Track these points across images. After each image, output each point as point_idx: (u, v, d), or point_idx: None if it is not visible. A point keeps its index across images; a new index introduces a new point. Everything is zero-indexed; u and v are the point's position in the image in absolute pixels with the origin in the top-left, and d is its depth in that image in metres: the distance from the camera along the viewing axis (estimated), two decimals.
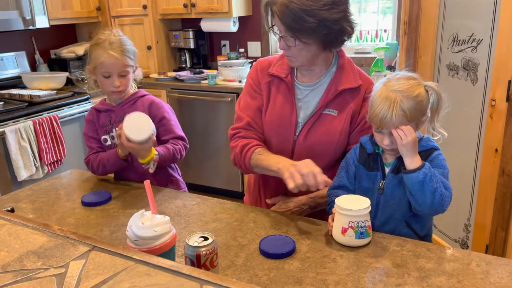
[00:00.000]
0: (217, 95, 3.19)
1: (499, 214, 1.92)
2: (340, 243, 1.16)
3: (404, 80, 1.19)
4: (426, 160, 1.19)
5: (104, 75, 1.55)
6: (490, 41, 1.91)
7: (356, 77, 1.42)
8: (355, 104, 1.41)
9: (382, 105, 1.16)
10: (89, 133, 1.67)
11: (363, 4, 3.40)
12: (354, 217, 1.12)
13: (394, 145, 1.19)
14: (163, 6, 3.58)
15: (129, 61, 1.56)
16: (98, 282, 0.71)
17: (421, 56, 2.37)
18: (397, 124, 1.15)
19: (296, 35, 1.29)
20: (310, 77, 1.44)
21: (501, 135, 1.85)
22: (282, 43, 1.34)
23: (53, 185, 1.62)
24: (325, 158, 1.42)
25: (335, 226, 1.16)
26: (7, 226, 0.91)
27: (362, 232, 1.13)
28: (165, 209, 1.40)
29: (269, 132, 1.47)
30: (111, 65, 1.53)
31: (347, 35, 1.37)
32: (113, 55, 1.51)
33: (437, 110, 1.21)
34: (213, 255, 0.97)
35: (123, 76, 1.56)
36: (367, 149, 1.28)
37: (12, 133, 2.52)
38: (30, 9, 2.86)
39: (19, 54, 3.25)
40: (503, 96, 1.82)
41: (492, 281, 0.99)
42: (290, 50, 1.35)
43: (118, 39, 1.54)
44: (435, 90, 1.20)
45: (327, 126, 1.40)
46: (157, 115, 1.63)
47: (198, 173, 3.45)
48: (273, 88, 1.46)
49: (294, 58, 1.38)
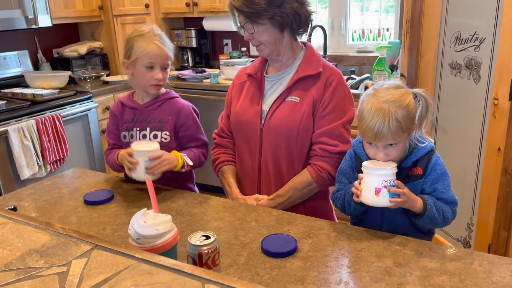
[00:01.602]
0: (219, 94, 3.19)
1: (502, 213, 1.91)
2: (373, 204, 1.15)
3: (392, 89, 1.16)
4: (427, 168, 1.20)
5: (147, 66, 1.51)
6: (493, 39, 1.90)
7: (318, 66, 1.49)
8: (316, 90, 1.47)
9: (376, 118, 1.12)
10: (110, 126, 1.66)
11: (366, 3, 3.39)
12: (387, 176, 1.12)
13: (389, 157, 1.18)
14: (165, 5, 3.58)
15: (171, 55, 1.55)
16: (100, 280, 0.71)
17: (423, 55, 2.37)
18: (393, 136, 1.13)
19: (251, 18, 1.43)
20: (278, 68, 1.55)
21: (503, 134, 1.85)
22: (246, 34, 1.47)
23: (56, 184, 1.62)
24: (287, 144, 1.48)
25: (365, 189, 1.14)
26: (10, 225, 0.91)
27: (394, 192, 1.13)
28: (167, 208, 1.40)
29: (238, 126, 1.58)
30: (156, 55, 1.50)
31: (304, 19, 1.47)
32: (159, 46, 1.50)
33: (426, 117, 1.18)
34: (215, 254, 0.97)
35: (164, 69, 1.55)
36: (363, 160, 1.25)
37: (15, 132, 2.53)
38: (33, 8, 2.87)
39: (22, 53, 3.26)
40: (506, 94, 1.81)
41: (495, 281, 0.98)
42: (254, 38, 1.47)
43: (161, 34, 1.55)
44: (423, 97, 1.17)
45: (289, 111, 1.48)
46: (184, 123, 1.59)
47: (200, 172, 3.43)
48: (246, 86, 1.60)
49: (261, 46, 1.49)
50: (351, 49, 3.42)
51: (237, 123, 1.58)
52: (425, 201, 1.17)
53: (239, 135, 1.60)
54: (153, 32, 1.53)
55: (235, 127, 1.60)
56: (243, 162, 1.59)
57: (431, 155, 1.21)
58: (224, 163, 1.64)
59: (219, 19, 3.53)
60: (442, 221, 1.19)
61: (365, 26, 3.41)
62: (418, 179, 1.22)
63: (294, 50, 1.52)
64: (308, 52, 1.54)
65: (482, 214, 2.05)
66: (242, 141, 1.58)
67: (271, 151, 1.50)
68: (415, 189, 1.21)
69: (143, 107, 1.60)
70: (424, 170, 1.21)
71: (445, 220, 1.20)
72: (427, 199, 1.18)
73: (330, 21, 3.46)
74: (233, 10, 1.47)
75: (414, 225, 1.26)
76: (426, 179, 1.21)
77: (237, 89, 1.62)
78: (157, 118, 1.58)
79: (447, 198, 1.21)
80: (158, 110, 1.59)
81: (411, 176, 1.22)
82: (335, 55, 3.37)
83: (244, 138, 1.57)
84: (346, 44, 3.47)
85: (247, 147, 1.56)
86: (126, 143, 1.62)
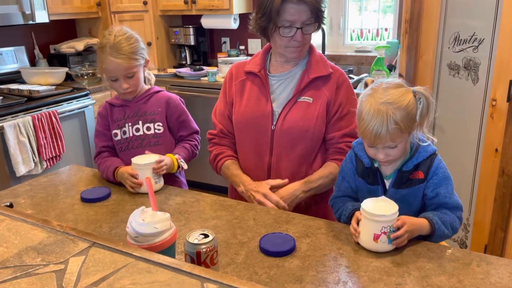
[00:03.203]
0: (217, 92, 3.13)
1: (499, 214, 1.92)
2: (371, 250, 1.10)
3: (391, 89, 1.13)
4: (428, 172, 1.17)
5: (111, 79, 1.55)
6: (491, 40, 1.90)
7: (326, 66, 1.50)
8: (329, 91, 1.47)
9: (374, 120, 1.10)
10: (99, 128, 1.66)
11: (364, 2, 3.39)
12: (387, 222, 1.07)
13: (389, 157, 1.16)
14: (164, 2, 3.57)
15: (134, 62, 1.52)
16: (98, 278, 0.71)
17: (422, 55, 2.37)
18: (392, 138, 1.11)
19: (319, 20, 1.41)
20: (283, 68, 1.53)
21: (501, 135, 1.85)
22: (299, 34, 1.40)
23: (52, 181, 1.61)
24: (302, 144, 1.47)
25: (364, 233, 1.10)
26: (6, 222, 0.91)
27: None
28: (165, 206, 1.40)
29: (247, 127, 1.53)
30: (114, 70, 1.51)
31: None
32: (113, 61, 1.49)
33: (427, 115, 1.14)
34: (213, 253, 0.97)
35: (130, 77, 1.54)
36: (364, 163, 1.24)
37: (11, 128, 2.51)
38: (30, 3, 2.84)
39: (19, 49, 3.23)
40: (504, 96, 1.82)
41: (493, 281, 0.98)
42: (303, 39, 1.43)
43: (119, 40, 1.50)
44: (423, 95, 1.13)
45: (304, 111, 1.46)
46: (175, 112, 1.65)
47: (198, 171, 3.44)
48: (248, 84, 1.55)
49: (302, 47, 1.46)
50: (350, 48, 3.42)
51: (244, 124, 1.53)
52: (431, 221, 1.13)
53: (244, 135, 1.55)
54: (110, 44, 1.49)
55: (241, 127, 1.55)
56: (246, 162, 1.56)
57: (433, 159, 1.18)
58: (227, 158, 1.58)
59: (217, 17, 3.52)
60: (452, 233, 1.17)
61: (363, 26, 3.41)
62: (420, 183, 1.18)
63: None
64: (312, 52, 1.52)
65: (478, 214, 2.06)
66: (247, 141, 1.54)
67: (284, 152, 1.48)
68: (416, 193, 1.19)
69: (133, 103, 1.63)
70: (426, 174, 1.18)
71: (454, 231, 1.17)
72: (432, 217, 1.14)
73: (328, 21, 3.46)
74: (296, 6, 1.35)
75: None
76: (428, 183, 1.18)
77: (238, 88, 1.56)
78: (148, 111, 1.62)
79: (450, 203, 1.17)
80: (147, 103, 1.63)
81: (412, 180, 1.19)
82: (333, 54, 3.37)
83: (250, 139, 1.53)
84: (344, 43, 3.47)
85: (254, 148, 1.52)
86: (118, 141, 1.63)
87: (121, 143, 1.63)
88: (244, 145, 1.55)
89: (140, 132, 1.62)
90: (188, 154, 1.65)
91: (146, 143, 1.62)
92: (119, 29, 1.55)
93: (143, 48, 1.57)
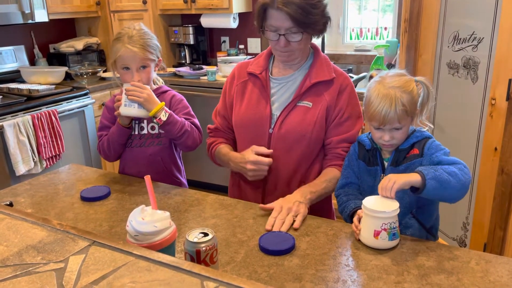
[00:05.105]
0: (217, 91, 3.18)
1: (498, 213, 1.92)
2: (372, 246, 1.11)
3: (397, 77, 1.24)
4: (422, 150, 1.23)
5: (124, 67, 1.55)
6: (491, 40, 1.90)
7: (330, 71, 1.47)
8: (330, 96, 1.45)
9: (383, 102, 1.20)
10: (105, 120, 1.66)
11: (364, 1, 3.39)
12: (387, 219, 1.09)
13: (394, 140, 1.23)
14: (163, 1, 3.57)
15: (149, 54, 1.54)
16: (98, 277, 0.71)
17: (421, 54, 2.37)
18: (399, 119, 1.20)
19: (305, 29, 1.36)
20: (285, 71, 1.50)
21: (500, 134, 1.85)
22: (283, 40, 1.38)
23: (52, 180, 1.61)
24: (299, 149, 1.46)
25: (365, 230, 1.12)
26: (6, 220, 0.91)
27: (394, 233, 1.11)
28: (165, 205, 1.40)
29: (245, 129, 1.52)
30: (129, 58, 1.52)
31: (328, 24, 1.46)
32: (130, 49, 1.51)
33: (427, 103, 1.27)
34: (213, 251, 0.97)
35: (142, 69, 1.55)
36: (366, 146, 1.32)
37: (10, 127, 2.51)
38: (30, 3, 2.84)
39: (18, 48, 3.23)
40: (503, 94, 1.82)
41: (492, 280, 0.99)
42: (290, 46, 1.40)
43: (137, 33, 1.54)
44: (424, 84, 1.25)
45: (302, 116, 1.45)
46: (177, 107, 1.64)
47: (197, 170, 3.44)
48: (249, 86, 1.53)
49: (290, 53, 1.43)
50: (349, 47, 3.42)
51: (242, 125, 1.53)
52: (418, 170, 1.14)
53: (243, 137, 1.54)
54: (128, 34, 1.53)
55: (239, 129, 1.55)
56: None
57: (428, 140, 1.25)
58: (219, 144, 1.58)
59: (217, 16, 3.52)
60: (458, 182, 1.12)
61: (363, 25, 3.42)
62: (416, 158, 1.24)
63: (306, 52, 1.50)
64: (317, 55, 1.50)
65: (478, 213, 2.06)
66: (246, 143, 1.52)
67: (281, 156, 1.46)
68: (413, 168, 1.21)
69: None
70: (421, 150, 1.24)
71: (456, 177, 1.12)
72: (420, 168, 1.15)
73: None
74: (277, 13, 1.34)
75: (420, 226, 1.27)
76: (423, 157, 1.23)
77: (239, 90, 1.55)
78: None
79: (445, 160, 1.18)
80: None
81: (408, 157, 1.25)
82: (333, 53, 3.37)
83: (248, 141, 1.51)
84: (344, 42, 3.47)
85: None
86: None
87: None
88: (243, 146, 1.54)
89: (145, 131, 1.61)
90: (182, 123, 1.54)
91: (149, 143, 1.62)
92: (138, 24, 1.59)
93: (158, 46, 1.60)
